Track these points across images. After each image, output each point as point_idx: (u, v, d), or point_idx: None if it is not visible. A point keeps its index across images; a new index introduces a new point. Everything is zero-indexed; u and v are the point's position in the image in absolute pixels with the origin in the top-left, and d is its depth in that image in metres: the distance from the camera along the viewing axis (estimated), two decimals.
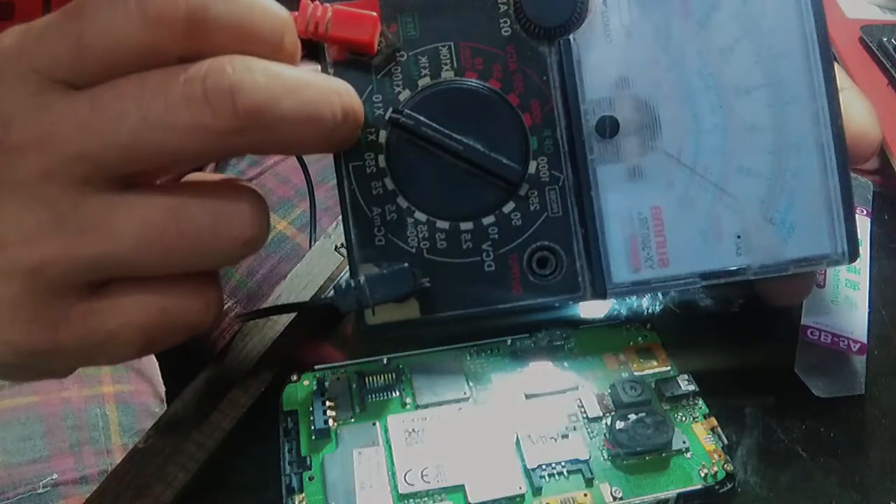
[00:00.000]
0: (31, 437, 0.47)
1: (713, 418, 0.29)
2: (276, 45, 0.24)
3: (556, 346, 0.32)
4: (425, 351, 0.31)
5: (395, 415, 0.29)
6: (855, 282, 0.34)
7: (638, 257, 0.29)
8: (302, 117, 0.23)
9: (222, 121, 0.22)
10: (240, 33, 0.23)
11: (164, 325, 0.25)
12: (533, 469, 0.27)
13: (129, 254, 0.23)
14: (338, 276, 0.36)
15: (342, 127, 0.25)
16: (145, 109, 0.22)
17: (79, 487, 0.45)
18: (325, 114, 0.24)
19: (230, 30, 0.23)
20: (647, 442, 0.27)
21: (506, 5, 0.29)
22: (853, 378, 0.31)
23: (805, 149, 0.29)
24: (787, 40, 0.28)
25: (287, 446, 0.28)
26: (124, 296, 0.24)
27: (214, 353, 0.33)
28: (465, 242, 0.29)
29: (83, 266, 0.23)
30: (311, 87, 0.23)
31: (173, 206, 0.23)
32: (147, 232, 0.23)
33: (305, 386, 0.30)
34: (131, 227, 0.23)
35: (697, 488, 0.27)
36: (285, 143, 0.24)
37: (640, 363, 0.31)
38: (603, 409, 0.29)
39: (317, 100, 0.24)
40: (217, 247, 0.24)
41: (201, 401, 0.31)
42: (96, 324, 0.24)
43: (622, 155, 0.29)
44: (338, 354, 0.33)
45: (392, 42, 0.29)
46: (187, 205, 0.23)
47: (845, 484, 0.29)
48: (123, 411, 0.48)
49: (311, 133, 0.24)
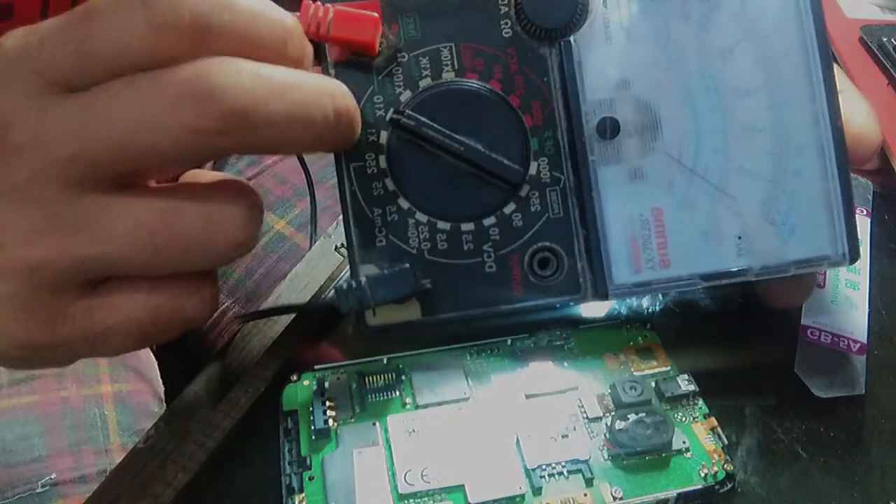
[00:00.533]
0: (29, 437, 0.47)
1: (713, 418, 0.29)
2: (279, 52, 0.24)
3: (556, 346, 0.32)
4: (425, 351, 0.31)
5: (395, 415, 0.29)
6: (855, 282, 0.34)
7: (639, 258, 0.29)
8: (290, 119, 0.23)
9: (208, 122, 0.22)
10: (242, 40, 0.23)
11: (160, 321, 0.25)
12: (533, 469, 0.27)
13: (123, 254, 0.23)
14: (338, 276, 0.36)
15: (335, 128, 0.25)
16: (136, 110, 0.22)
17: (77, 487, 0.45)
18: (316, 115, 0.24)
19: (233, 37, 0.23)
20: (647, 442, 0.27)
21: (507, 7, 0.29)
22: (853, 378, 0.32)
23: (805, 150, 0.29)
24: (786, 42, 0.28)
25: (287, 446, 0.28)
26: (121, 293, 0.25)
27: (214, 353, 0.33)
28: (466, 243, 0.29)
29: (79, 265, 0.23)
30: (300, 88, 0.24)
31: (165, 209, 0.24)
32: (139, 233, 0.23)
33: (305, 386, 0.30)
34: (124, 228, 0.23)
35: (697, 488, 0.27)
36: (275, 144, 0.24)
37: (640, 363, 0.31)
38: (603, 409, 0.29)
39: (306, 101, 0.24)
40: (209, 249, 0.24)
41: (201, 401, 0.31)
42: (94, 320, 0.24)
43: (623, 156, 0.29)
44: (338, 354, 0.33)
45: (393, 43, 0.29)
46: (180, 207, 0.24)
47: (845, 484, 0.29)
48: (122, 411, 0.48)
49: (302, 134, 0.24)
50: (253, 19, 0.23)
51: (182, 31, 0.22)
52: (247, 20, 0.23)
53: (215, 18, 0.23)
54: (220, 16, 0.23)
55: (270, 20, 0.24)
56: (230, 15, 0.23)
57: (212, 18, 0.23)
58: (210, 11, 0.23)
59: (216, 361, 0.33)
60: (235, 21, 0.23)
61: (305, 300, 0.35)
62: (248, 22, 0.23)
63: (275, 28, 0.24)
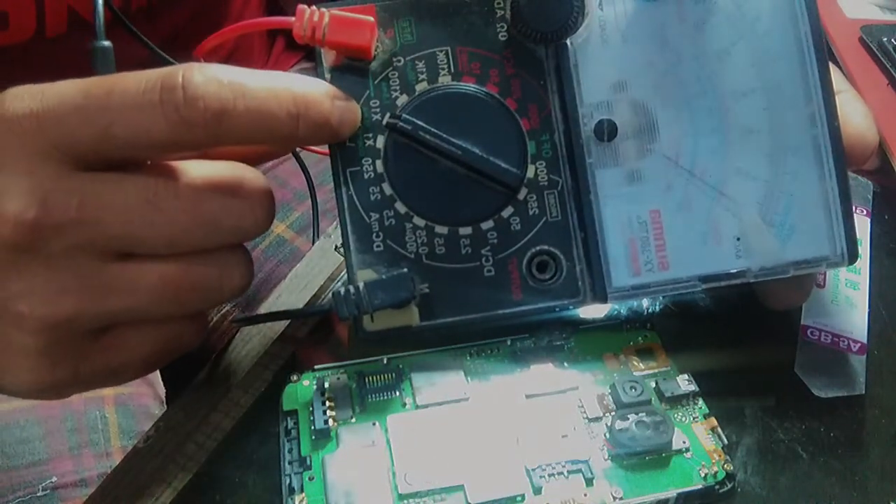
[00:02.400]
0: (30, 440, 0.47)
1: (713, 418, 0.29)
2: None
3: (556, 346, 0.32)
4: (425, 351, 0.32)
5: (395, 415, 0.29)
6: (855, 282, 0.34)
7: (637, 261, 0.29)
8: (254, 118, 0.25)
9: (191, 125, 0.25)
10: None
11: (165, 352, 0.29)
12: (533, 469, 0.27)
13: (144, 306, 0.27)
14: (338, 276, 0.36)
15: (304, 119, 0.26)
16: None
17: (78, 490, 0.45)
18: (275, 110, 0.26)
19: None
20: (647, 442, 0.28)
21: (503, 10, 0.29)
22: (853, 378, 0.32)
23: (802, 151, 0.29)
24: (782, 43, 0.29)
25: (287, 446, 0.29)
26: (131, 334, 0.28)
27: (214, 353, 0.34)
28: (465, 248, 0.29)
29: (101, 319, 0.26)
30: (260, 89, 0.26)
31: (185, 269, 0.27)
32: (164, 289, 0.26)
33: (305, 386, 0.30)
34: (149, 285, 0.26)
35: (697, 488, 0.27)
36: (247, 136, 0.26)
37: (639, 363, 0.32)
38: (603, 409, 0.29)
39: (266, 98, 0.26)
40: (220, 294, 0.28)
41: (201, 401, 0.32)
42: (109, 358, 0.27)
43: (620, 158, 0.29)
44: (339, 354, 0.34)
45: (389, 47, 0.29)
46: (196, 268, 0.27)
47: (845, 484, 0.29)
48: (123, 413, 0.49)
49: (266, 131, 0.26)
50: (265, 103, 0.25)
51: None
52: (260, 105, 0.25)
53: (233, 112, 0.25)
54: (234, 107, 0.25)
55: (282, 100, 0.26)
56: (244, 103, 0.25)
57: (225, 112, 0.25)
58: (224, 106, 0.25)
59: (216, 362, 0.33)
60: (249, 108, 0.25)
61: (305, 300, 0.35)
62: (261, 106, 0.25)
63: (287, 107, 0.26)
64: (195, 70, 0.25)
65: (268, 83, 0.26)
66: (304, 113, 0.26)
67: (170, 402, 0.31)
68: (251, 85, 0.25)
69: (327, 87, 0.27)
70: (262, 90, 0.25)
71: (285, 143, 0.32)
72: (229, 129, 0.25)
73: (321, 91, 0.27)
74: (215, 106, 0.24)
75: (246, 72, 0.26)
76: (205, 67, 0.25)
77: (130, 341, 0.27)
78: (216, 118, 0.25)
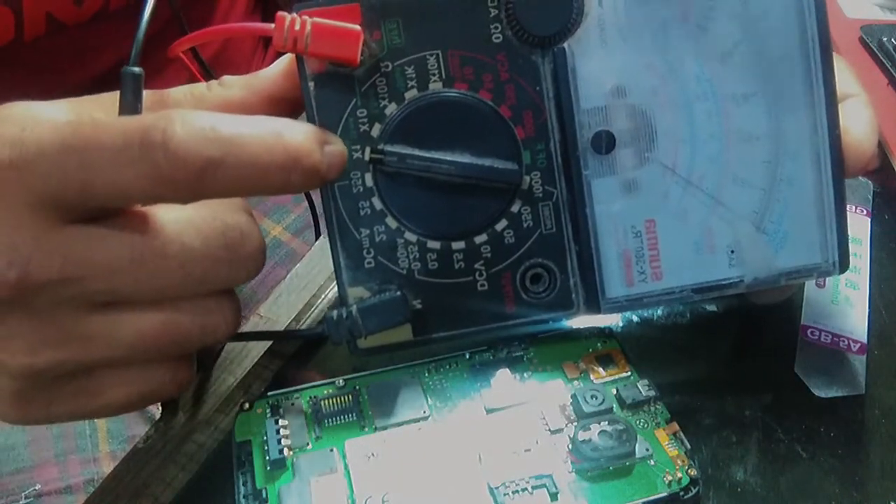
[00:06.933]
0: (14, 447, 0.48)
1: (675, 423, 0.29)
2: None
3: (516, 357, 0.32)
4: (382, 370, 0.32)
5: (353, 439, 0.29)
6: (855, 282, 0.35)
7: (631, 271, 0.30)
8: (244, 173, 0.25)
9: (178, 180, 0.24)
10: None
11: (141, 397, 0.28)
12: (496, 487, 0.27)
13: (125, 355, 0.27)
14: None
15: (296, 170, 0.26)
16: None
17: (62, 497, 0.46)
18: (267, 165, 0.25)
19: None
20: (611, 452, 0.28)
21: (497, 10, 0.28)
22: (853, 378, 0.33)
23: (801, 157, 0.29)
24: (787, 43, 0.29)
25: (241, 479, 0.28)
26: (109, 379, 0.27)
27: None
28: (458, 262, 0.30)
29: (79, 367, 0.27)
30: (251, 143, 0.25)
31: (166, 320, 0.26)
32: (143, 340, 0.26)
33: (258, 414, 0.30)
34: (130, 336, 0.26)
35: (662, 496, 0.27)
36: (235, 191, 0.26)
37: (599, 370, 0.31)
38: (565, 420, 0.29)
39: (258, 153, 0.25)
40: (203, 342, 0.27)
41: (201, 401, 0.33)
42: (83, 402, 0.28)
43: (617, 168, 0.29)
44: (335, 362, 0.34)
45: (375, 51, 0.28)
46: (178, 319, 0.26)
47: (845, 484, 0.30)
48: (112, 418, 0.49)
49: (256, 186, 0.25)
50: (258, 158, 0.25)
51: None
52: (251, 159, 0.25)
53: (216, 166, 0.24)
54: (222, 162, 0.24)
55: (275, 154, 0.25)
56: (235, 159, 0.24)
57: (210, 168, 0.24)
58: (210, 162, 0.24)
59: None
60: (240, 164, 0.24)
61: (305, 300, 0.36)
62: (254, 161, 0.25)
63: (280, 160, 0.25)
64: (178, 123, 0.24)
65: (258, 135, 0.25)
66: (295, 166, 0.26)
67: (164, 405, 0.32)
68: (240, 140, 0.24)
69: (317, 133, 0.27)
70: (252, 144, 0.25)
71: (272, 194, 0.32)
72: (214, 185, 0.24)
73: (312, 139, 0.26)
74: (199, 164, 0.24)
75: (235, 121, 0.25)
76: (189, 118, 0.24)
77: (107, 386, 0.27)
78: (198, 176, 0.24)
